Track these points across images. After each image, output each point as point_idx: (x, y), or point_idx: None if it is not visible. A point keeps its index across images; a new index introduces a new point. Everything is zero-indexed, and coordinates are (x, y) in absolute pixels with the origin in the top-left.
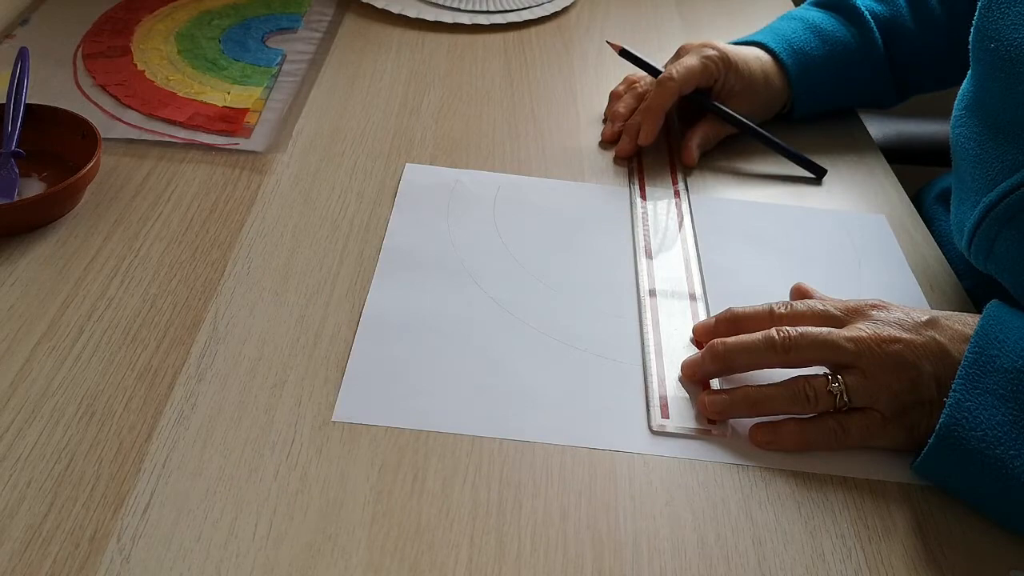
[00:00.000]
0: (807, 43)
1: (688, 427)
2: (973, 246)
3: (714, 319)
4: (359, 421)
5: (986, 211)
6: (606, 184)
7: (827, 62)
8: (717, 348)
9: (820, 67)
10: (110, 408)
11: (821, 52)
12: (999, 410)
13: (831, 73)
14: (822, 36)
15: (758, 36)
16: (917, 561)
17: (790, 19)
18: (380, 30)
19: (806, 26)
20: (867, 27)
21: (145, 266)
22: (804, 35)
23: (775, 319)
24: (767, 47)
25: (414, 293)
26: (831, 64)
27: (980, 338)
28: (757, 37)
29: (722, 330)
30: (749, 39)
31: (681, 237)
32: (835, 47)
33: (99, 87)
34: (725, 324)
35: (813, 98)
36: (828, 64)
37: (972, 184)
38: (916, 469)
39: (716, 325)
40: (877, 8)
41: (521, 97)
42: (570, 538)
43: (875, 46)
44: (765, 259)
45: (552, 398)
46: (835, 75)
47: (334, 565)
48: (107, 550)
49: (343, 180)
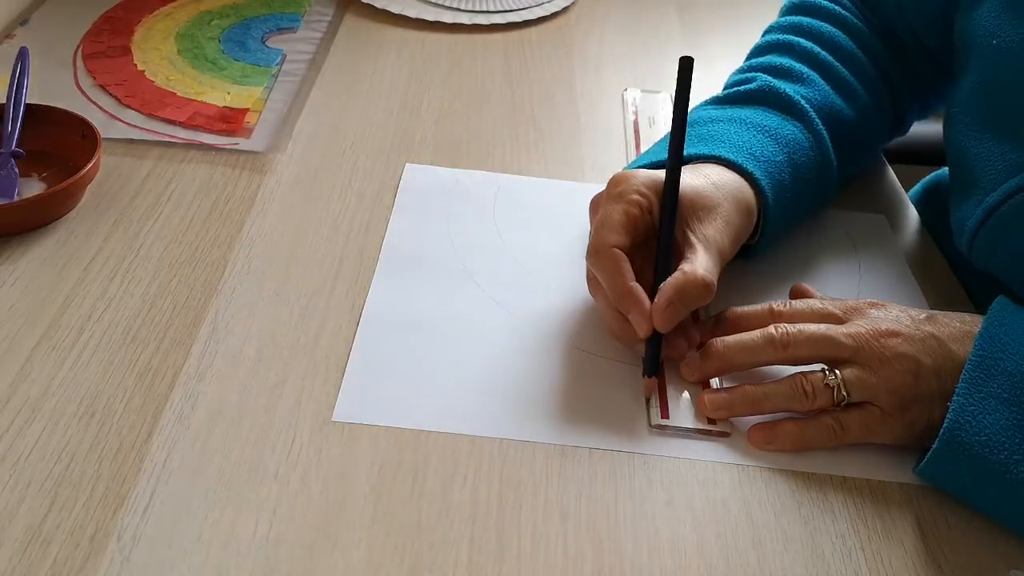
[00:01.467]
0: (767, 151)
1: (688, 426)
2: (975, 246)
3: (713, 318)
4: (359, 421)
5: (989, 211)
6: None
7: (792, 172)
8: (716, 347)
9: (790, 183)
10: (110, 408)
11: (783, 159)
12: (1003, 414)
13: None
14: (777, 140)
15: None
16: (917, 561)
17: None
18: (380, 30)
19: (753, 129)
20: (811, 122)
21: (145, 266)
22: (760, 141)
23: (774, 317)
24: (732, 164)
25: (414, 293)
26: (796, 174)
27: (984, 340)
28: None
29: (721, 329)
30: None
31: None
32: (793, 151)
33: (99, 87)
34: (725, 323)
35: (782, 222)
36: (793, 174)
37: (972, 184)
38: (920, 473)
39: (715, 324)
40: (808, 94)
41: (521, 97)
42: (570, 538)
43: (823, 139)
44: (764, 259)
45: (552, 398)
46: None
47: (334, 565)
48: (107, 550)
49: (343, 180)
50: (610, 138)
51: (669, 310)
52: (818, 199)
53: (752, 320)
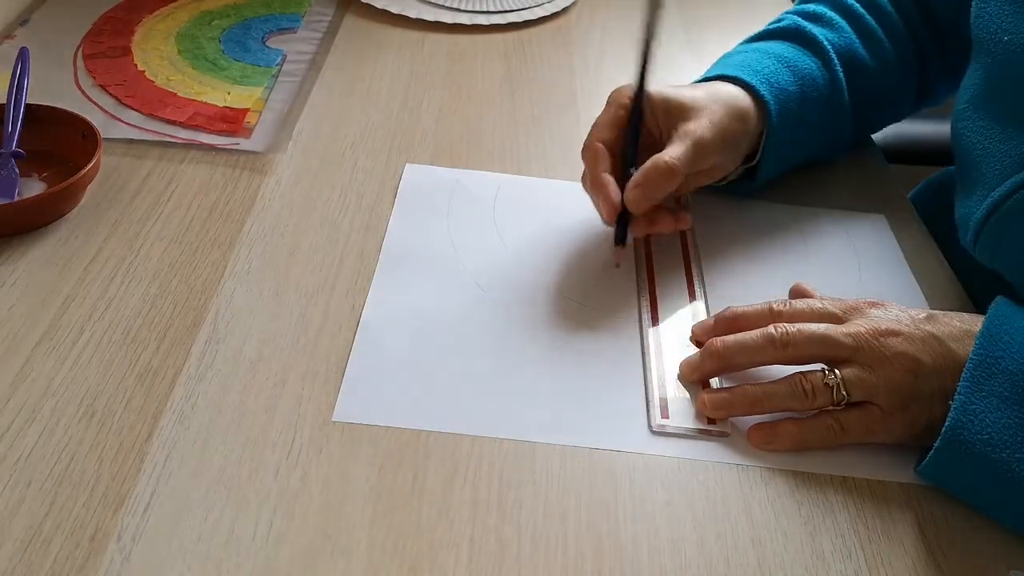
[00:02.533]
0: (780, 76)
1: (688, 427)
2: (979, 241)
3: (713, 318)
4: (359, 421)
5: (995, 206)
6: None
7: (801, 101)
8: (716, 347)
9: (797, 107)
10: (110, 408)
11: (795, 89)
12: (1004, 413)
13: (805, 115)
14: (793, 70)
15: (717, 69)
16: (917, 561)
17: (749, 51)
18: (380, 30)
19: (770, 56)
20: (830, 61)
21: (145, 266)
22: (773, 66)
23: (774, 317)
24: (737, 79)
25: (414, 293)
26: (805, 104)
27: (985, 339)
28: (717, 71)
29: (721, 329)
30: (707, 75)
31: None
32: (806, 83)
33: (99, 87)
34: (724, 323)
35: (787, 145)
36: (802, 104)
37: (979, 179)
38: (921, 472)
39: (715, 324)
40: (832, 37)
41: (521, 97)
42: (570, 538)
43: (838, 79)
44: (764, 259)
45: (552, 398)
46: (808, 118)
47: (334, 565)
48: (107, 550)
49: (343, 180)
50: None
51: (635, 191)
52: (828, 136)
53: (752, 320)
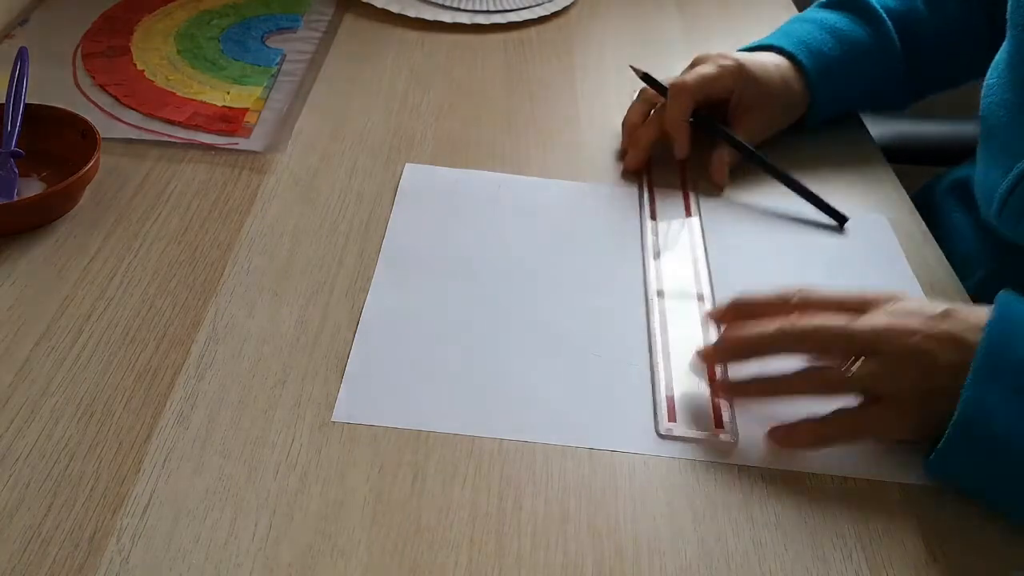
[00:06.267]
0: (823, 44)
1: (695, 432)
2: (1004, 212)
3: (728, 307)
4: (359, 421)
5: (1021, 176)
6: (606, 184)
7: (844, 63)
8: (732, 336)
9: (838, 69)
10: (109, 408)
11: (838, 53)
12: (1013, 403)
13: (849, 74)
14: (837, 36)
15: (771, 39)
16: (917, 561)
17: (801, 21)
18: (380, 30)
19: (819, 27)
20: (883, 25)
21: (144, 266)
22: (819, 36)
23: (789, 308)
24: (782, 50)
25: (414, 293)
26: (848, 65)
27: (992, 330)
28: (770, 40)
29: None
30: (761, 43)
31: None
32: (851, 47)
33: (98, 87)
34: (739, 313)
35: (831, 102)
36: (846, 65)
37: (1004, 150)
38: (930, 465)
39: (730, 314)
40: (891, 4)
41: (521, 97)
42: (570, 538)
43: (891, 44)
44: (768, 259)
45: (552, 398)
46: (853, 76)
47: (334, 565)
48: (107, 550)
49: (343, 180)
50: (610, 138)
51: None
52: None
53: (767, 310)
